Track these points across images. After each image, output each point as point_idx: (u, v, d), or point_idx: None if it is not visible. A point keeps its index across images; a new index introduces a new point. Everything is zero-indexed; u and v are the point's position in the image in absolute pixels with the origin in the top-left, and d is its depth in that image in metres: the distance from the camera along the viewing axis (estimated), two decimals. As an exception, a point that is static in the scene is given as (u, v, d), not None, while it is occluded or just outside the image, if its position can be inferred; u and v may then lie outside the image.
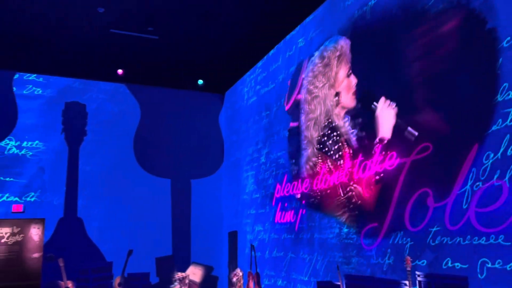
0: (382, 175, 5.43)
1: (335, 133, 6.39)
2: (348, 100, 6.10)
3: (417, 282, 4.48)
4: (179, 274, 10.23)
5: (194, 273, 10.40)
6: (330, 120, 6.50)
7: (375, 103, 5.58)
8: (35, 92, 9.94)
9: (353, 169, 5.94)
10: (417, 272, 4.55)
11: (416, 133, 4.94)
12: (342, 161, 6.21)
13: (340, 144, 6.26)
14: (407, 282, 4.49)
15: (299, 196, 7.46)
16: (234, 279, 9.95)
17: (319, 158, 6.68)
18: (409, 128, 5.00)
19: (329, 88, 6.55)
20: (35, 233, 13.11)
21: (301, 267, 7.23)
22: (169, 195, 10.63)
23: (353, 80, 6.06)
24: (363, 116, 5.88)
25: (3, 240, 12.72)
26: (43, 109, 9.89)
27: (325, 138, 6.60)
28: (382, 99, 5.47)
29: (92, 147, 10.10)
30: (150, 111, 10.82)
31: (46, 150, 9.74)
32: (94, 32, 8.29)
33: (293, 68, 8.09)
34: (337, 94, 6.27)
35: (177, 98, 11.15)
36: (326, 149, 6.55)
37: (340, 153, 6.25)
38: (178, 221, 10.56)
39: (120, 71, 9.92)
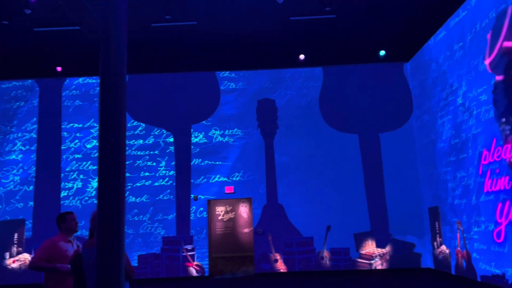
0: None
1: None
2: None
3: None
4: (378, 250, 10.17)
5: (391, 249, 10.16)
6: None
7: None
8: (230, 86, 11.15)
9: None
10: None
11: None
12: None
13: None
14: None
15: (514, 163, 6.47)
16: (440, 257, 9.35)
17: None
18: None
19: None
20: (243, 210, 14.92)
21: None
22: (359, 154, 10.59)
23: None
24: None
25: (219, 218, 14.90)
26: (237, 100, 11.04)
27: None
28: None
29: (285, 139, 10.79)
30: (334, 86, 10.92)
31: (244, 136, 10.88)
32: (275, 22, 8.77)
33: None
34: None
35: (360, 70, 10.95)
36: None
37: None
38: (372, 189, 10.42)
39: (301, 57, 10.28)
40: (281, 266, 10.21)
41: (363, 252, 10.18)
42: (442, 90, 9.04)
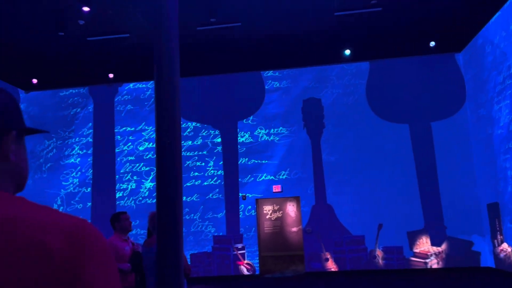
0: None
1: None
2: None
3: None
4: (434, 249, 9.81)
5: (447, 248, 9.74)
6: None
7: None
8: (274, 85, 11.15)
9: None
10: None
11: None
12: None
13: None
14: None
15: None
16: (502, 255, 8.88)
17: None
18: None
19: None
20: (291, 209, 14.88)
21: None
22: (410, 146, 10.23)
23: None
24: None
25: (267, 216, 14.95)
26: (282, 99, 11.02)
27: None
28: None
29: (333, 138, 10.63)
30: (383, 79, 10.64)
31: (289, 134, 10.84)
32: (319, 19, 8.67)
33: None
34: None
35: (410, 62, 10.60)
36: None
37: None
38: (426, 184, 10.03)
39: (347, 51, 10.10)
40: (331, 265, 10.10)
41: (417, 250, 9.84)
42: (498, 74, 8.59)
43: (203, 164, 10.97)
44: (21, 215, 0.76)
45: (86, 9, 7.94)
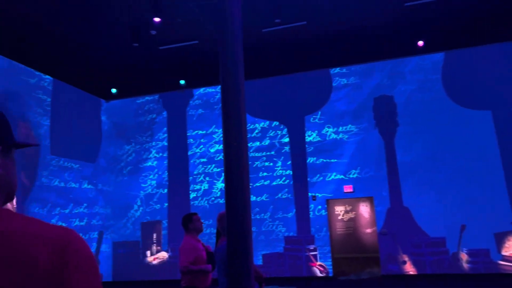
0: None
1: None
2: None
3: None
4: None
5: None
6: None
7: None
8: (341, 82, 10.89)
9: None
10: None
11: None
12: None
13: None
14: None
15: None
16: None
17: None
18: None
19: None
20: (364, 210, 14.41)
21: None
22: (494, 137, 9.36)
23: None
24: None
25: (339, 217, 14.62)
26: (350, 95, 10.71)
27: None
28: None
29: (408, 137, 10.10)
30: (460, 68, 9.92)
31: (359, 131, 10.50)
32: (389, 11, 8.31)
33: None
34: None
35: (491, 49, 9.78)
36: None
37: None
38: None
39: (420, 43, 9.57)
40: (410, 268, 9.61)
41: (506, 253, 9.02)
42: None
43: (271, 164, 11.01)
44: (7, 228, 0.78)
45: (157, 19, 8.35)
